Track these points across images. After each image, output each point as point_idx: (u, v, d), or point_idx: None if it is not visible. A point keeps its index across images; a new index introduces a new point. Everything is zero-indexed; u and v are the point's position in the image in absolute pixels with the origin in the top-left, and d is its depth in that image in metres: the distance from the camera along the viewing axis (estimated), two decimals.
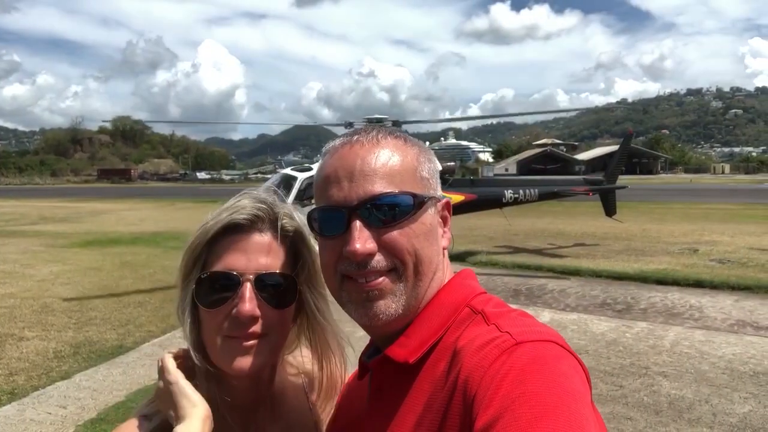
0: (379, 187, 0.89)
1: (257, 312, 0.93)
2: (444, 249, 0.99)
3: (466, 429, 0.74)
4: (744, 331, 7.58)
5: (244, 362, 0.93)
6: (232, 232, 0.96)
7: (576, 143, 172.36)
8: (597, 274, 11.52)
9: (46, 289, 10.12)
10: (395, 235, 0.89)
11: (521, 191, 14.91)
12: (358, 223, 0.88)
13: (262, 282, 0.95)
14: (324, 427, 1.11)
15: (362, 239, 0.87)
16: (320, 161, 0.99)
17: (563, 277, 11.56)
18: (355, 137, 0.95)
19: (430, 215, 0.95)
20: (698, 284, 10.30)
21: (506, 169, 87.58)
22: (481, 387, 0.74)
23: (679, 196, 39.37)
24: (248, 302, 0.92)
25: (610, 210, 16.74)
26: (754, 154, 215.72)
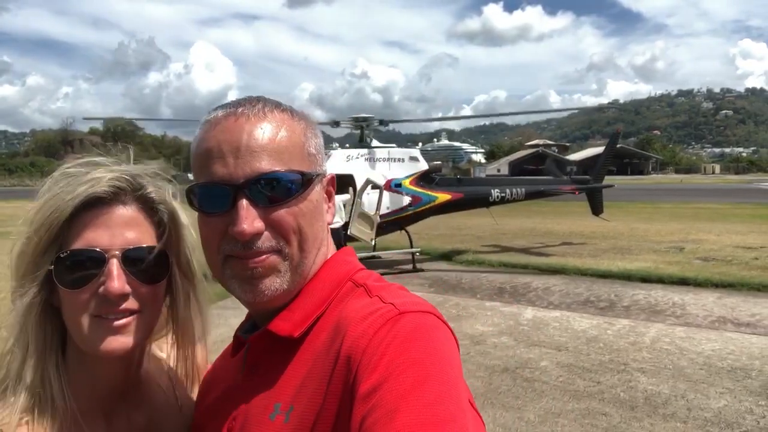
0: (267, 165, 0.86)
1: (127, 289, 0.89)
2: (328, 224, 0.99)
3: (349, 394, 0.75)
4: (725, 327, 7.61)
5: (117, 342, 0.89)
6: (92, 206, 0.89)
7: (568, 144, 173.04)
8: (582, 273, 11.56)
9: None
10: (282, 214, 0.87)
11: (508, 190, 14.93)
12: (244, 202, 0.85)
13: (129, 257, 0.90)
14: (190, 410, 1.06)
15: (249, 219, 0.85)
16: (199, 131, 0.92)
17: (548, 275, 11.59)
18: (240, 109, 0.90)
19: (317, 192, 0.94)
20: (682, 282, 10.37)
21: (498, 170, 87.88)
22: (366, 353, 0.76)
23: (669, 195, 39.60)
24: (117, 279, 0.88)
25: (596, 209, 16.80)
26: (744, 154, 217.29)
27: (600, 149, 20.40)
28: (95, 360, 0.93)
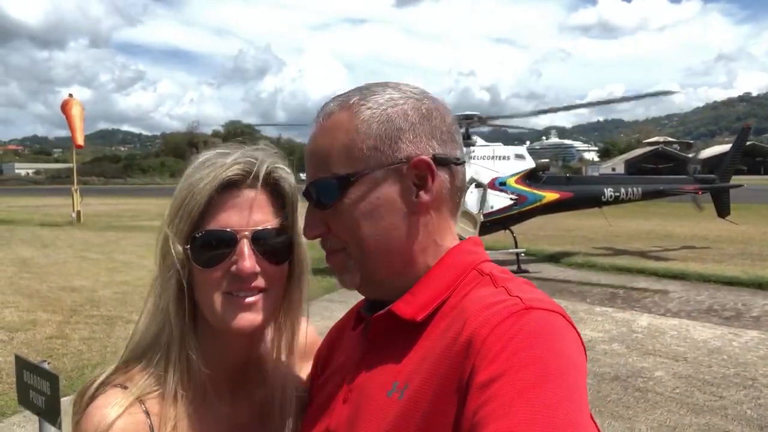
0: (313, 172, 0.91)
1: (257, 268, 0.93)
2: (421, 216, 0.90)
3: (465, 382, 0.73)
4: None
5: (247, 319, 0.94)
6: (224, 189, 0.95)
7: (691, 141, 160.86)
8: (705, 279, 10.69)
9: None
10: (329, 218, 0.91)
11: (622, 189, 14.12)
12: (307, 207, 0.94)
13: (258, 238, 0.95)
14: (304, 386, 1.10)
15: (306, 225, 0.94)
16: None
17: (666, 280, 10.85)
18: (318, 113, 0.94)
19: (377, 189, 0.88)
20: None
21: (613, 169, 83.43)
22: (486, 343, 0.73)
23: None
24: (248, 259, 0.92)
25: (722, 210, 15.47)
26: None
27: (727, 147, 18.80)
28: (225, 336, 0.98)
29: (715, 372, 5.93)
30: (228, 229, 0.94)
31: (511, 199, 12.48)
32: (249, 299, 0.94)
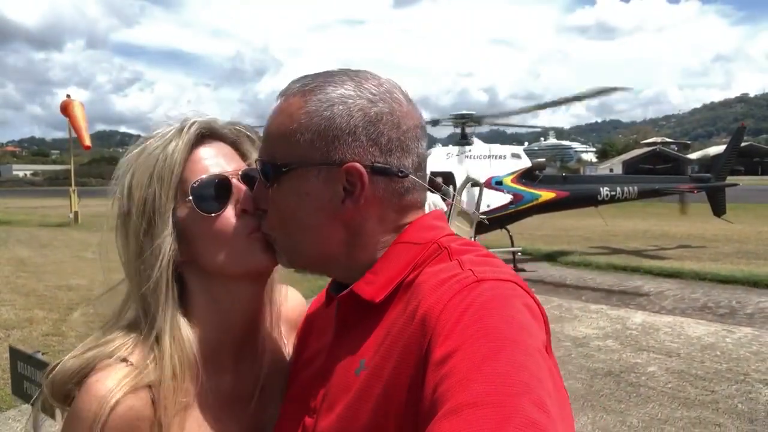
0: (259, 152, 0.94)
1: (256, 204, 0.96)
2: (348, 220, 0.89)
3: (423, 360, 0.74)
4: None
5: (266, 256, 0.95)
6: (193, 149, 0.97)
7: (689, 142, 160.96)
8: (700, 277, 10.71)
9: None
10: (268, 198, 0.92)
11: (618, 188, 14.16)
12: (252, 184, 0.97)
13: (247, 176, 0.97)
14: (292, 357, 1.10)
15: (255, 197, 0.96)
16: None
17: (662, 278, 10.88)
18: (280, 93, 0.94)
19: (306, 185, 0.87)
20: None
21: (611, 170, 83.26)
22: (440, 321, 0.74)
23: None
24: (248, 194, 0.96)
25: (718, 209, 15.53)
26: None
27: (725, 147, 18.85)
28: (238, 288, 0.98)
29: (707, 367, 5.96)
30: (221, 173, 0.95)
31: (507, 198, 12.52)
32: (259, 234, 0.95)
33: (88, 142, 22.30)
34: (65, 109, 21.86)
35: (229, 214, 0.94)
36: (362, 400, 0.80)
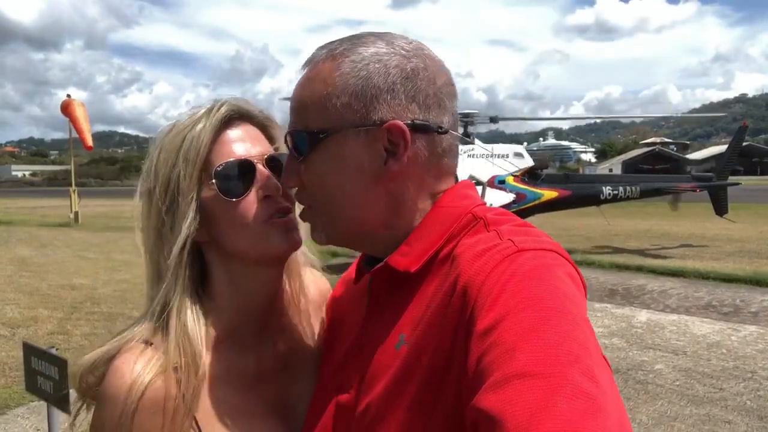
0: (290, 123, 0.90)
1: (281, 189, 0.96)
2: (390, 183, 0.86)
3: (464, 331, 0.73)
4: None
5: (292, 238, 0.96)
6: (220, 132, 0.96)
7: (688, 142, 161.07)
8: (703, 276, 10.70)
9: None
10: (303, 170, 0.88)
11: (621, 188, 14.19)
12: (287, 155, 0.91)
13: (272, 161, 0.97)
14: (321, 337, 1.10)
15: (285, 173, 0.92)
16: None
17: (665, 277, 10.88)
18: (304, 63, 0.91)
19: (345, 149, 0.85)
20: None
21: (610, 170, 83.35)
22: (482, 292, 0.73)
23: None
24: (273, 180, 0.95)
25: (720, 209, 15.55)
26: None
27: (724, 148, 18.86)
28: (258, 270, 0.98)
29: (714, 365, 5.97)
30: (245, 157, 0.95)
31: (510, 197, 12.53)
32: (286, 219, 0.95)
33: (90, 142, 22.28)
34: (66, 108, 21.84)
35: (251, 198, 0.94)
36: (406, 376, 0.79)
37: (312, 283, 1.13)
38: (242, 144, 0.97)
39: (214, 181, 0.93)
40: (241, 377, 0.99)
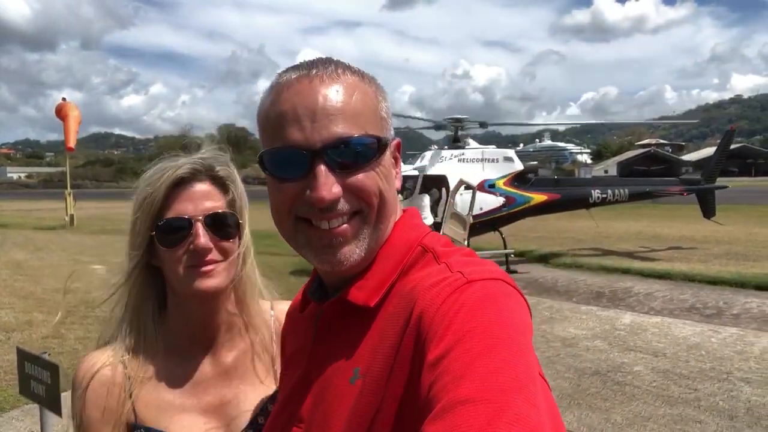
0: (344, 129, 0.84)
1: (210, 244, 1.16)
2: (397, 190, 0.96)
3: (418, 363, 0.75)
4: None
5: (206, 283, 1.16)
6: (178, 185, 1.18)
7: (683, 143, 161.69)
8: (689, 278, 10.91)
9: None
10: (362, 178, 0.86)
11: (609, 191, 14.37)
12: (323, 168, 0.84)
13: (209, 220, 1.18)
14: (271, 356, 1.30)
15: (328, 185, 0.84)
16: (270, 94, 0.90)
17: (652, 280, 11.06)
18: (314, 71, 0.87)
19: (388, 157, 0.92)
20: None
21: (606, 171, 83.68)
22: (433, 323, 0.75)
23: None
24: (202, 237, 1.16)
25: (708, 211, 15.76)
26: None
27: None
28: (191, 302, 1.21)
29: (692, 366, 6.14)
30: (185, 216, 1.17)
31: (500, 201, 12.70)
32: (205, 268, 1.17)
33: (72, 144, 22.56)
34: (60, 111, 21.95)
35: (181, 251, 1.17)
36: (362, 410, 0.81)
37: (259, 312, 1.33)
38: (189, 203, 1.19)
39: (154, 233, 1.18)
40: (182, 381, 1.23)
